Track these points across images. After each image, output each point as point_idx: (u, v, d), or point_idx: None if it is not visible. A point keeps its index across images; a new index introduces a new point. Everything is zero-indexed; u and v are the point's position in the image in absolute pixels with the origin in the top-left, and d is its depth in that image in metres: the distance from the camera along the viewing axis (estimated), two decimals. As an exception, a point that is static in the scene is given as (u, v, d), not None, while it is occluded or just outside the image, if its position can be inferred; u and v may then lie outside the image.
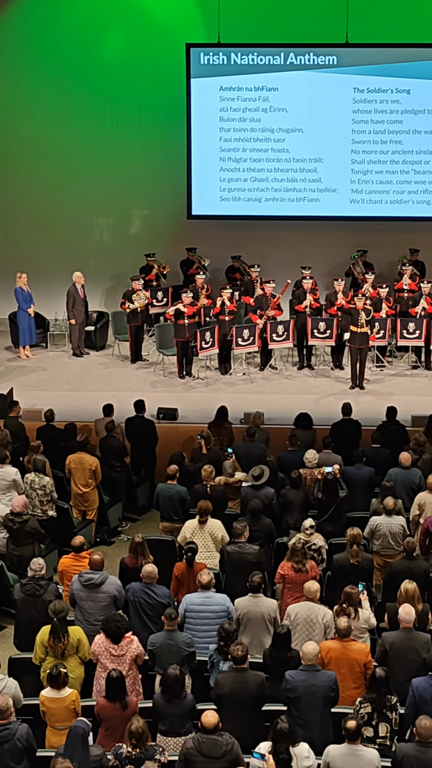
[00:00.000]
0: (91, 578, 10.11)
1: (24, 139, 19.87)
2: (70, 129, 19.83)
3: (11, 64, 19.63)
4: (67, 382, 17.47)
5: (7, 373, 17.72)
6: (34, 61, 19.58)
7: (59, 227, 20.26)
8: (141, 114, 19.78)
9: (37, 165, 20.01)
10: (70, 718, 8.60)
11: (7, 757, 8.12)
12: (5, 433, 13.51)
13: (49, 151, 19.96)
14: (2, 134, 19.88)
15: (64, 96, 19.70)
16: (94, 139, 19.88)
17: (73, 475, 13.40)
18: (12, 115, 19.80)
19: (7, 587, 11.58)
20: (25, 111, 19.76)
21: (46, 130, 19.84)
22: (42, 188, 20.10)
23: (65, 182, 20.09)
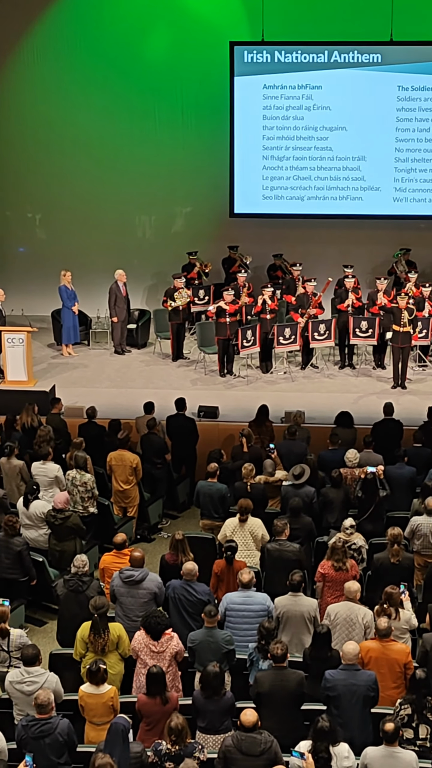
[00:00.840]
0: (132, 575, 10.16)
1: (68, 137, 19.97)
2: (114, 127, 19.90)
3: (56, 63, 19.73)
4: (108, 379, 17.54)
5: (49, 369, 17.82)
6: (78, 60, 19.67)
7: (102, 225, 20.34)
8: (184, 112, 19.80)
9: (81, 163, 20.11)
10: (108, 714, 8.65)
11: (48, 751, 8.20)
12: (48, 430, 13.60)
13: (93, 150, 20.04)
14: (47, 132, 19.97)
15: (109, 94, 19.76)
16: (138, 138, 19.92)
17: (114, 472, 13.46)
18: (57, 114, 19.89)
19: (49, 583, 11.68)
20: (70, 109, 19.84)
21: (90, 128, 19.92)
22: (86, 186, 20.19)
23: (109, 180, 20.16)
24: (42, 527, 12.23)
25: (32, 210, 20.51)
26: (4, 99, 19.91)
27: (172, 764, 7.91)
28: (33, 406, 14.64)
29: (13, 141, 20.05)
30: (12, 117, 19.97)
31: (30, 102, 19.93)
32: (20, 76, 19.87)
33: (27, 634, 10.19)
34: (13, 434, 14.16)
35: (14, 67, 19.83)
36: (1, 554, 11.51)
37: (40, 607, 12.24)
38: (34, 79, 19.85)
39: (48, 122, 19.96)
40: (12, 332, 16.65)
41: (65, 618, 10.37)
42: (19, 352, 16.55)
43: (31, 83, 19.88)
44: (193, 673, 9.47)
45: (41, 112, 19.93)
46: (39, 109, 19.92)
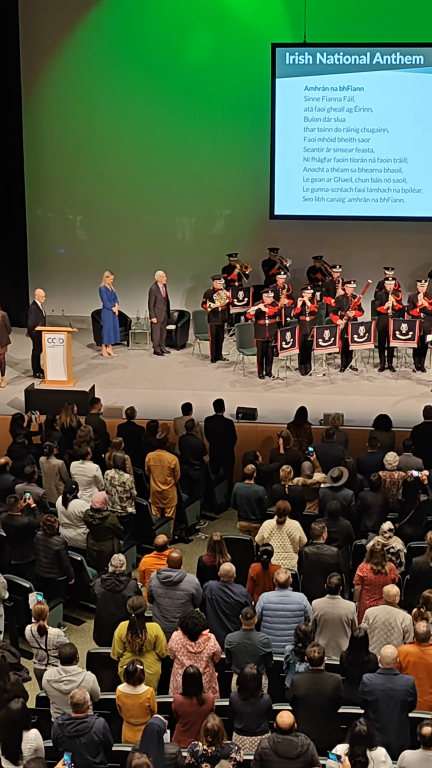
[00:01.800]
0: (169, 576, 10.17)
1: (109, 138, 20.03)
2: (154, 129, 19.94)
3: (98, 64, 19.80)
4: (147, 380, 17.58)
5: (89, 370, 17.90)
6: (120, 62, 19.72)
7: (142, 227, 20.39)
8: (225, 114, 19.79)
9: (121, 165, 20.17)
10: (144, 715, 8.66)
11: (83, 750, 8.23)
12: (87, 430, 13.65)
13: (134, 151, 20.09)
14: (88, 134, 20.05)
15: (150, 96, 19.79)
16: (179, 139, 19.94)
17: (153, 472, 13.49)
18: (98, 115, 19.97)
19: (87, 582, 11.73)
20: (111, 111, 19.91)
21: (130, 130, 19.97)
22: (126, 188, 20.24)
23: (149, 182, 20.20)
24: (80, 527, 12.28)
25: (73, 211, 20.60)
26: (47, 101, 20.01)
27: (209, 765, 7.91)
28: (72, 406, 14.71)
29: (54, 142, 20.14)
30: (54, 118, 20.07)
31: (72, 103, 20.02)
32: (62, 77, 19.96)
33: (65, 633, 10.24)
34: (52, 434, 14.24)
35: (56, 70, 19.92)
36: (40, 553, 11.59)
37: (78, 606, 12.29)
38: (76, 80, 19.94)
39: (89, 124, 20.03)
40: (52, 332, 16.73)
41: (103, 617, 10.40)
42: (60, 353, 16.63)
43: (73, 85, 19.96)
44: (230, 675, 9.45)
45: (83, 114, 20.02)
46: (80, 110, 20.01)
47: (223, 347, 18.52)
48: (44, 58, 19.80)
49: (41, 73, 19.87)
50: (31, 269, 20.23)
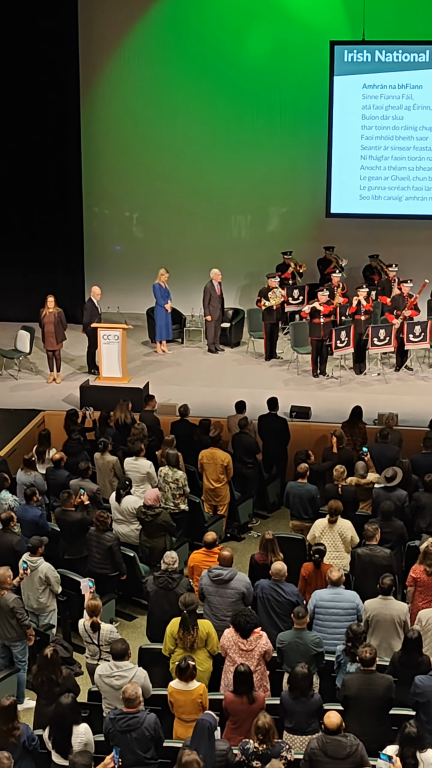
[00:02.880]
0: (220, 574, 10.19)
1: (166, 136, 20.10)
2: (211, 127, 19.96)
3: (155, 62, 19.86)
4: (201, 377, 17.62)
5: (143, 367, 17.99)
6: (178, 60, 19.76)
7: (198, 224, 20.43)
8: (282, 111, 19.76)
9: (177, 162, 20.22)
10: (197, 711, 8.69)
11: (134, 745, 8.28)
12: (141, 427, 13.73)
13: (191, 149, 20.13)
14: (145, 131, 20.13)
15: (207, 94, 19.81)
16: (235, 137, 19.94)
17: (206, 470, 13.52)
18: (155, 113, 20.04)
19: (139, 578, 11.78)
20: (168, 109, 19.97)
21: (187, 127, 20.02)
22: (182, 186, 20.29)
23: (205, 180, 20.23)
24: (133, 523, 12.35)
25: (130, 209, 20.70)
26: (105, 98, 20.12)
27: (260, 763, 7.92)
28: (127, 402, 14.80)
29: (112, 140, 20.25)
30: (111, 116, 20.18)
31: (129, 101, 20.12)
32: (120, 75, 20.06)
33: (117, 629, 10.31)
34: (107, 430, 14.34)
35: (114, 67, 20.03)
36: (93, 549, 11.67)
37: (130, 602, 12.37)
38: (134, 78, 20.02)
39: (147, 121, 20.11)
40: (108, 329, 16.83)
41: (155, 614, 10.45)
42: (114, 349, 16.73)
43: (131, 83, 20.06)
44: (281, 674, 9.47)
45: (140, 112, 20.10)
46: (138, 108, 20.09)
47: (277, 345, 18.51)
48: (102, 57, 19.92)
49: (99, 71, 19.99)
50: (87, 266, 20.38)
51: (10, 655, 10.65)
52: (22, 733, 8.31)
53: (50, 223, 19.98)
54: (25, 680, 10.64)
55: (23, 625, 10.42)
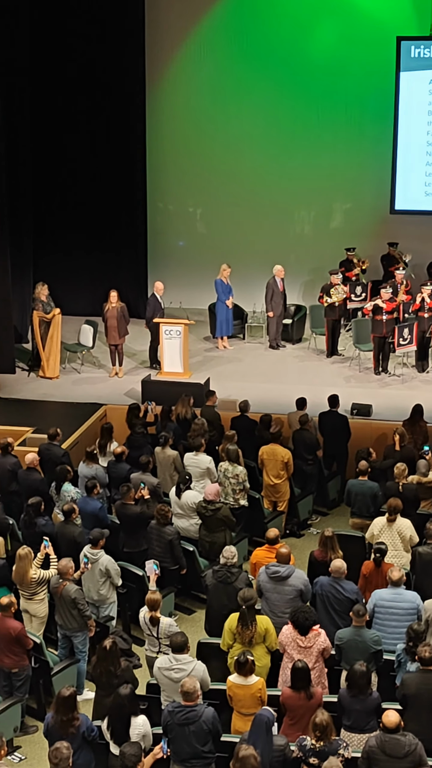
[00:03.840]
0: (278, 571, 10.20)
1: (231, 132, 20.09)
2: (276, 122, 19.92)
3: (220, 59, 19.86)
4: (262, 373, 17.62)
5: (204, 362, 18.03)
6: (243, 55, 19.73)
7: (261, 220, 20.39)
8: (348, 107, 19.64)
9: (241, 158, 20.22)
10: (255, 706, 8.72)
11: (192, 738, 8.33)
12: (202, 423, 13.77)
13: (255, 144, 20.11)
14: (210, 127, 20.16)
15: (272, 90, 19.76)
16: (300, 133, 19.87)
17: (266, 466, 13.53)
18: (219, 109, 20.06)
19: (199, 572, 11.83)
20: (233, 104, 19.96)
21: (252, 123, 20.00)
22: (246, 181, 20.27)
23: (269, 175, 20.19)
24: (193, 517, 12.40)
25: (193, 204, 20.75)
26: (170, 94, 20.18)
27: (317, 760, 7.93)
28: (189, 398, 14.86)
29: (176, 136, 20.32)
30: (176, 112, 20.23)
31: (194, 97, 20.16)
32: (186, 71, 20.11)
33: (176, 622, 10.36)
34: (168, 425, 14.40)
35: (180, 62, 20.07)
36: (153, 542, 11.74)
37: (189, 595, 12.41)
38: (200, 73, 20.06)
39: (211, 117, 20.13)
40: (170, 324, 16.89)
41: (213, 608, 10.49)
42: (176, 344, 16.78)
43: (196, 79, 20.09)
44: (339, 671, 9.46)
45: (205, 108, 20.13)
46: (203, 104, 20.13)
47: (339, 342, 18.44)
48: (168, 53, 19.97)
49: (165, 67, 20.05)
50: (150, 261, 20.46)
51: (70, 645, 10.77)
52: (82, 724, 8.40)
53: (114, 218, 20.09)
54: (85, 671, 10.76)
55: (84, 616, 10.52)
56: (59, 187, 20.01)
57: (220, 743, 8.51)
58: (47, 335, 17.56)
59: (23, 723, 10.36)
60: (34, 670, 10.39)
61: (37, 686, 10.56)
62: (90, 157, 19.87)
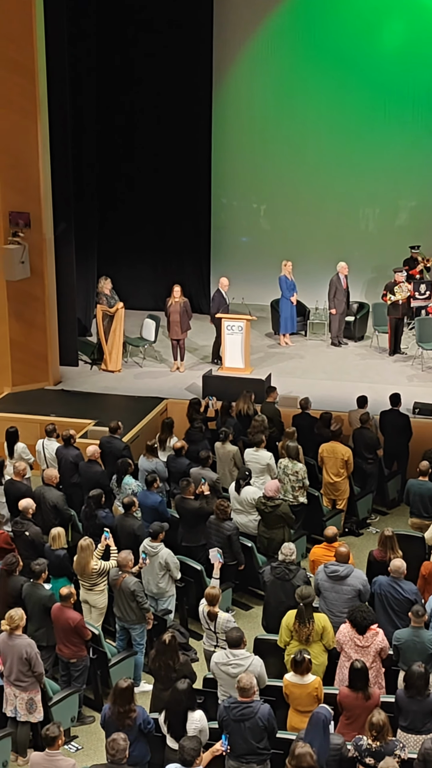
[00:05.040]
0: (336, 570, 10.17)
1: (296, 128, 19.99)
2: (341, 120, 19.78)
3: (287, 55, 19.77)
4: (323, 371, 17.55)
5: (266, 358, 18.01)
6: (310, 52, 19.59)
7: (325, 217, 20.28)
8: (415, 105, 19.41)
9: (306, 154, 20.12)
10: (312, 704, 8.70)
11: (247, 734, 8.33)
12: (262, 419, 13.76)
13: (320, 142, 19.99)
14: (275, 124, 20.09)
15: (338, 87, 19.59)
16: (366, 130, 19.70)
17: (326, 463, 13.48)
18: (285, 105, 19.97)
19: (257, 569, 11.83)
20: (299, 101, 19.87)
21: (317, 120, 19.88)
22: (311, 178, 20.17)
23: (334, 172, 20.06)
24: (252, 513, 12.40)
25: (257, 200, 20.68)
26: (236, 90, 20.15)
27: (373, 760, 7.89)
28: (250, 394, 14.86)
29: (242, 132, 20.27)
30: (242, 108, 20.20)
31: (260, 94, 20.09)
32: (252, 67, 20.05)
33: (233, 618, 10.37)
34: (228, 420, 14.42)
35: (247, 59, 20.02)
36: (212, 537, 11.76)
37: (247, 591, 12.42)
38: (266, 70, 19.98)
39: (277, 114, 20.05)
40: (232, 320, 16.88)
41: (271, 605, 10.50)
42: (238, 340, 16.77)
43: (263, 75, 20.02)
44: (397, 671, 9.40)
45: (270, 104, 20.05)
46: (268, 100, 20.05)
47: (402, 341, 18.30)
48: (235, 50, 19.92)
49: (232, 63, 20.02)
50: (213, 256, 20.48)
51: (128, 637, 10.84)
52: (138, 716, 8.45)
53: (178, 213, 20.15)
54: (142, 663, 10.82)
55: (143, 608, 10.58)
56: (124, 182, 20.12)
57: (275, 740, 8.50)
58: (110, 329, 17.68)
59: (81, 713, 10.46)
60: (92, 660, 10.49)
61: (94, 677, 10.67)
62: (154, 153, 19.93)
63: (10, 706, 9.82)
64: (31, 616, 10.11)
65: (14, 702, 9.79)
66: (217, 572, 10.68)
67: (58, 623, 10.20)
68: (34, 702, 9.78)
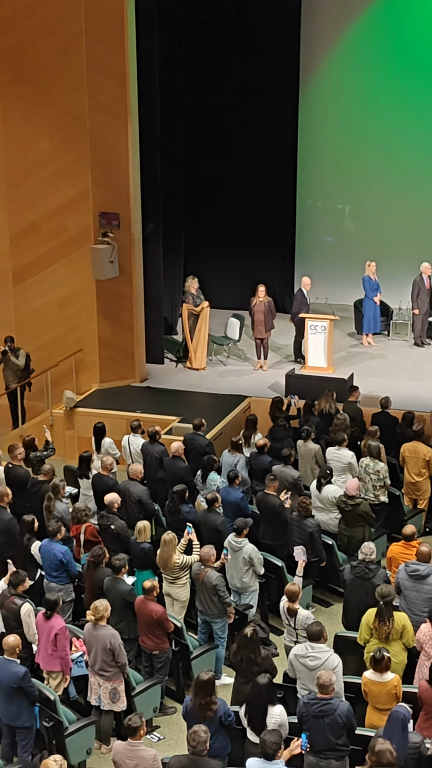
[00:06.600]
0: (417, 569, 10.08)
1: (381, 131, 19.76)
2: (426, 121, 19.49)
3: (372, 59, 19.49)
4: (406, 370, 17.39)
5: (348, 358, 17.90)
6: (394, 56, 19.29)
7: (409, 218, 20.02)
8: None
9: (390, 156, 19.89)
10: (391, 702, 8.64)
11: (326, 730, 8.30)
12: (344, 418, 13.70)
13: (405, 143, 19.73)
14: (360, 126, 19.89)
15: (423, 89, 19.33)
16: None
17: (407, 463, 13.36)
18: (371, 108, 19.73)
19: (337, 566, 11.79)
20: (384, 104, 19.61)
21: (402, 122, 19.62)
22: (395, 179, 19.95)
23: (419, 173, 19.80)
24: (333, 511, 12.35)
25: (342, 201, 20.51)
26: (322, 94, 20.01)
27: (451, 760, 7.81)
28: (332, 392, 14.81)
29: (329, 134, 20.13)
30: (328, 111, 20.07)
31: (346, 96, 19.92)
32: (338, 71, 19.90)
33: (313, 614, 10.34)
34: (310, 418, 14.38)
35: (333, 63, 19.87)
36: (294, 534, 11.75)
37: (327, 588, 12.38)
38: (352, 74, 19.80)
39: (362, 116, 19.83)
40: (315, 320, 16.82)
41: (351, 603, 10.45)
42: (321, 340, 16.71)
43: (347, 79, 19.85)
44: None
45: (356, 106, 19.85)
46: (354, 103, 19.86)
47: None
48: (321, 53, 19.79)
49: (318, 67, 19.89)
50: (297, 257, 20.40)
51: (209, 630, 10.88)
52: (219, 708, 8.47)
53: (263, 213, 20.14)
54: (223, 656, 10.87)
55: (224, 602, 10.61)
56: (211, 183, 20.14)
57: (354, 737, 8.46)
58: (195, 327, 17.76)
59: (162, 704, 10.54)
60: (174, 653, 10.56)
61: (176, 669, 10.73)
62: (241, 154, 19.93)
63: (95, 695, 9.94)
64: (112, 609, 10.22)
65: (98, 691, 9.91)
66: (301, 570, 10.68)
67: (141, 615, 10.28)
68: (118, 692, 9.87)
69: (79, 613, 11.20)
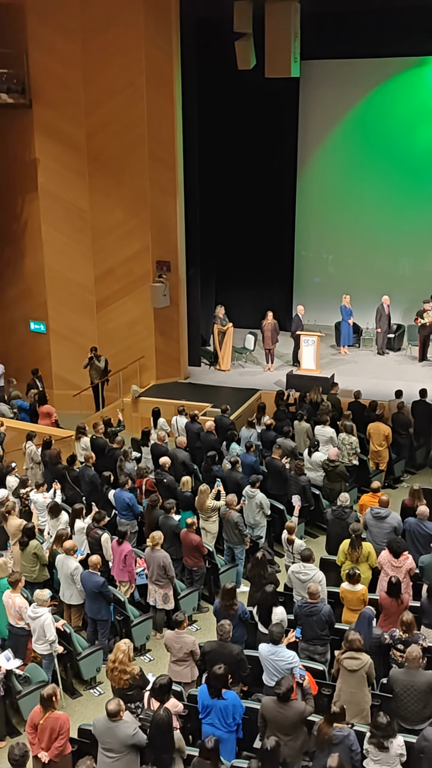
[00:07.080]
0: (379, 512, 10.02)
1: (357, 203, 19.27)
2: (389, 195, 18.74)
3: (354, 149, 19.12)
4: (371, 372, 17.23)
5: (330, 362, 17.70)
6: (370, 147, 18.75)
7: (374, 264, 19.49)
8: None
9: (362, 220, 19.38)
10: (360, 605, 8.59)
11: (314, 625, 8.32)
12: (327, 405, 13.62)
13: (372, 210, 19.28)
14: (343, 199, 19.52)
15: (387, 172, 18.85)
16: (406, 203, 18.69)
17: (372, 437, 13.26)
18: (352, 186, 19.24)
19: (322, 509, 11.73)
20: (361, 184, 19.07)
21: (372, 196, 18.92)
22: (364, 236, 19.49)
23: (382, 233, 19.34)
24: (319, 471, 12.29)
25: (327, 252, 20.31)
26: (315, 169, 19.55)
27: (402, 647, 7.76)
28: (319, 387, 14.73)
29: (318, 204, 19.78)
30: (319, 187, 19.76)
31: (333, 175, 19.53)
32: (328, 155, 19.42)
33: (305, 543, 10.28)
34: (303, 405, 14.31)
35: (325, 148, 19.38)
36: (292, 487, 11.70)
37: (315, 525, 12.31)
38: (338, 159, 19.32)
39: (343, 192, 19.50)
40: (307, 335, 16.74)
41: (331, 535, 10.41)
42: (311, 350, 16.61)
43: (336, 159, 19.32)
44: (420, 585, 9.20)
45: (340, 183, 19.46)
46: (339, 180, 19.45)
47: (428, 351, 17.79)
48: (315, 140, 19.36)
49: (311, 155, 19.61)
50: (295, 291, 20.26)
51: (232, 554, 10.87)
52: (239, 608, 8.46)
53: (271, 261, 19.99)
54: (242, 572, 10.83)
55: (242, 534, 10.59)
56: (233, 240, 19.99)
57: (334, 630, 8.42)
58: (223, 341, 17.71)
59: (199, 605, 10.53)
60: (207, 569, 10.54)
61: (209, 580, 10.72)
62: (255, 220, 19.77)
63: (152, 598, 9.95)
64: (164, 538, 10.21)
65: (154, 595, 9.91)
66: (297, 512, 10.63)
67: (185, 542, 10.28)
68: (168, 596, 9.88)
69: (141, 540, 11.23)
